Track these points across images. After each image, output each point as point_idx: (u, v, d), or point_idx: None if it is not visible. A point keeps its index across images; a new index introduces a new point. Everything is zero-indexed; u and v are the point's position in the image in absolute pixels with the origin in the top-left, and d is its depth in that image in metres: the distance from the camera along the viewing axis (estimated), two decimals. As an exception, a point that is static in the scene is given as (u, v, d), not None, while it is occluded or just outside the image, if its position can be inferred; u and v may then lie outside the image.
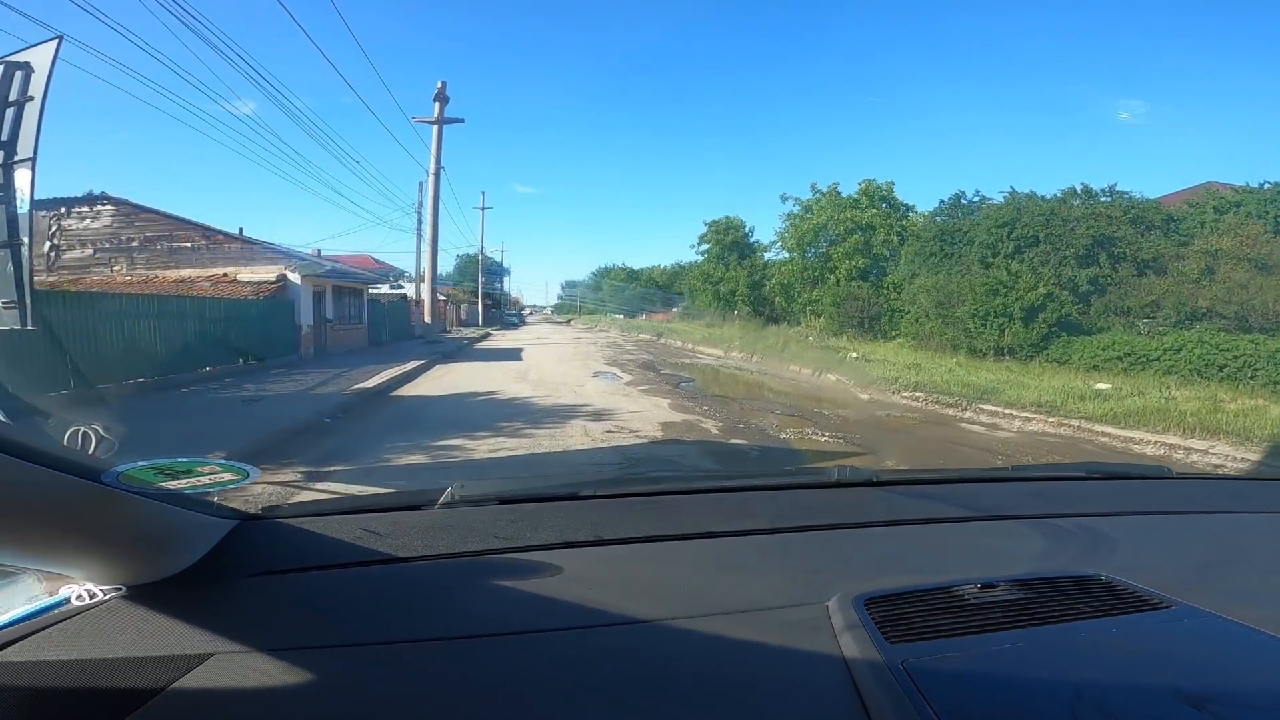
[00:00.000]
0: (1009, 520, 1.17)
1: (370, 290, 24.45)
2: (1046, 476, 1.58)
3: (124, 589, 0.75)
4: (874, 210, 33.60)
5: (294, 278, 16.16)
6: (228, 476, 0.80)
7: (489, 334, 35.58)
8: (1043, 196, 21.78)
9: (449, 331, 36.20)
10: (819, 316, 32.23)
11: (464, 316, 46.89)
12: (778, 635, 0.77)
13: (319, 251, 37.21)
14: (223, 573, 0.83)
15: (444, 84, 25.41)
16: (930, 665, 0.68)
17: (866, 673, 0.68)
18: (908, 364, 15.19)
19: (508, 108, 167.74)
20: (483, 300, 48.72)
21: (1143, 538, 1.14)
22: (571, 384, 12.36)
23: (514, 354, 20.30)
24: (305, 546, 0.91)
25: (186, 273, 16.12)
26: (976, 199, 25.47)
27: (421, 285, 28.50)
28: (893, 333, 24.78)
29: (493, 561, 0.92)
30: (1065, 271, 19.41)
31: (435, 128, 25.23)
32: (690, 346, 23.88)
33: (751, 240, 46.04)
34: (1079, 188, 21.43)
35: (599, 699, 0.68)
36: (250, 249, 16.47)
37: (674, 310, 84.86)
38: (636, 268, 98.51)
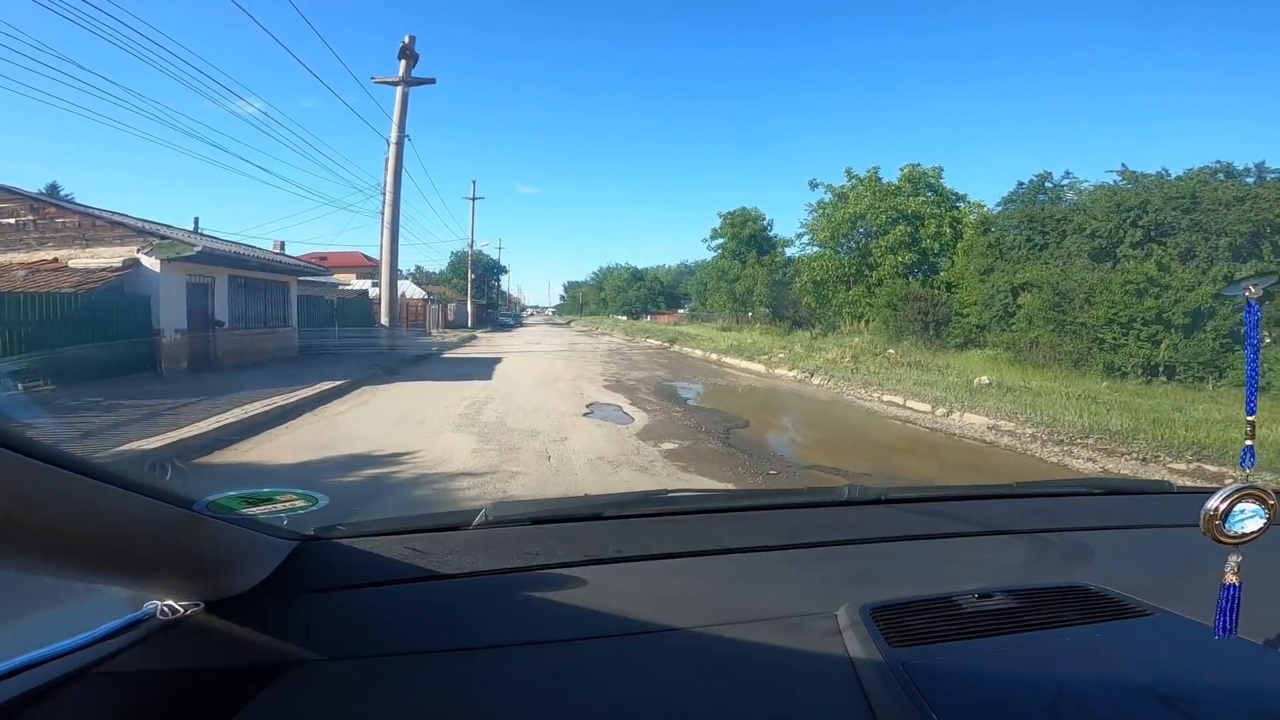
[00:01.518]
0: (1010, 535, 1.21)
1: (314, 283, 19.28)
2: (1049, 493, 1.58)
3: (201, 605, 0.79)
4: (920, 198, 28.36)
5: (150, 263, 10.90)
6: (300, 504, 0.90)
7: (474, 337, 30.40)
8: (1169, 175, 16.49)
9: (429, 334, 31.01)
10: (858, 319, 27.01)
11: (451, 317, 41.67)
12: (791, 641, 0.82)
13: (282, 245, 32.15)
14: (288, 589, 0.87)
15: (412, 39, 20.16)
16: (928, 666, 0.73)
17: (871, 674, 0.73)
18: (1076, 394, 9.93)
19: (508, 106, 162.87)
20: (473, 299, 43.50)
21: (1137, 550, 1.17)
22: (549, 432, 7.17)
23: (487, 367, 15.04)
24: (357, 564, 0.96)
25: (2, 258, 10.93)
26: (1065, 181, 20.18)
27: (399, 279, 23.54)
28: (962, 341, 19.58)
29: (526, 577, 0.96)
30: (1217, 267, 14.13)
31: (399, 89, 19.98)
32: (714, 357, 18.53)
33: (770, 234, 40.86)
34: (1217, 165, 16.09)
35: (627, 701, 0.72)
36: (92, 224, 11.21)
37: (680, 311, 79.77)
38: (640, 267, 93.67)
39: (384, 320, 19.21)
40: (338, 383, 10.72)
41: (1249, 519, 0.74)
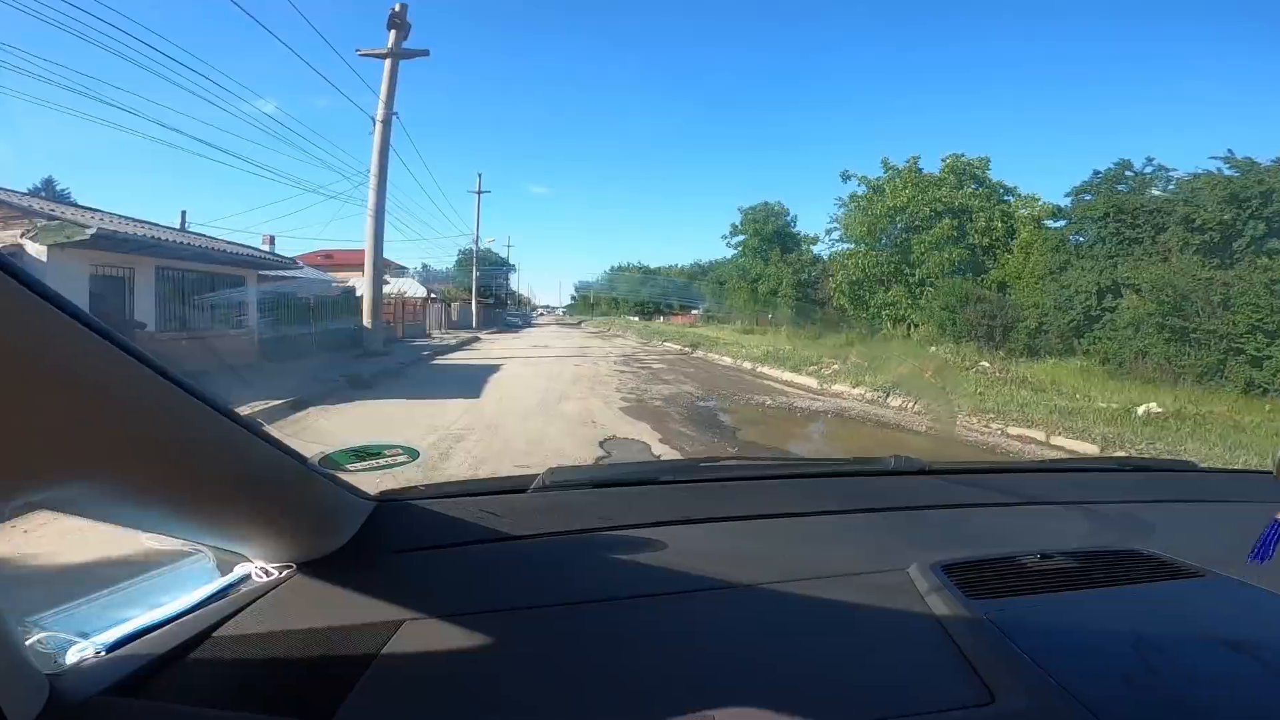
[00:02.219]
0: (1052, 505, 1.24)
1: (285, 278, 16.72)
2: (1081, 469, 1.65)
3: (294, 566, 0.79)
4: (967, 191, 25.47)
5: (35, 249, 8.33)
6: (402, 458, 0.92)
7: (477, 339, 27.84)
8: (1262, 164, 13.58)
9: (428, 335, 28.47)
10: (899, 322, 24.18)
11: (455, 317, 39.16)
12: (869, 596, 0.82)
13: (272, 240, 29.67)
14: (371, 550, 0.88)
15: (403, 7, 17.60)
16: (1012, 617, 0.75)
17: (959, 625, 0.74)
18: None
19: (520, 106, 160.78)
20: (477, 298, 40.98)
21: (1173, 522, 1.17)
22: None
23: (480, 379, 12.38)
24: (435, 525, 0.98)
25: None
26: (1150, 169, 17.25)
27: (401, 277, 21.04)
28: (1024, 348, 16.75)
29: (596, 538, 0.98)
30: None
31: (387, 62, 17.42)
32: (748, 366, 15.72)
33: (794, 230, 38.03)
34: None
35: (710, 652, 0.72)
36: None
37: (694, 312, 76.80)
38: (653, 266, 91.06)
39: (367, 321, 16.62)
40: (273, 403, 8.10)
41: None
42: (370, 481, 0.97)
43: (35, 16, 8.50)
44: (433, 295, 41.36)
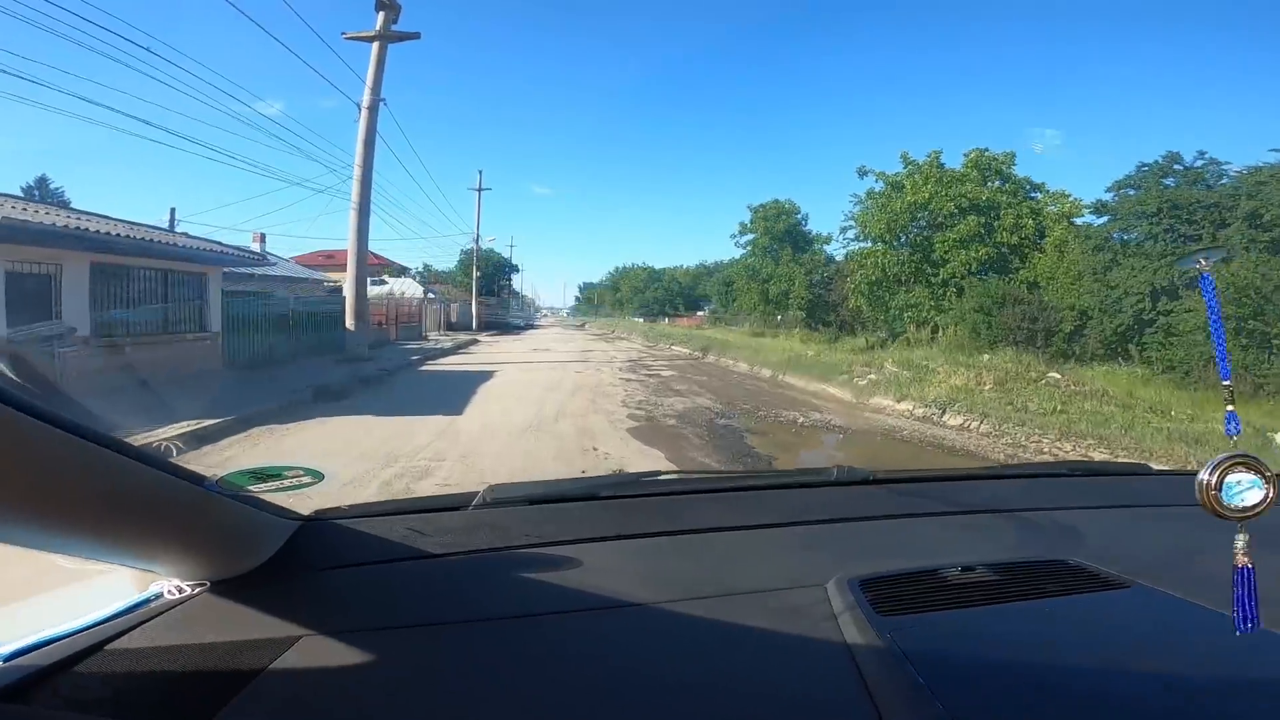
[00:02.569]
0: (993, 514, 1.22)
1: (249, 274, 15.37)
2: (1031, 474, 1.59)
3: (208, 584, 0.79)
4: (994, 187, 24.04)
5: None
6: (307, 480, 0.89)
7: (475, 342, 26.48)
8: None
9: (424, 337, 27.12)
10: (922, 325, 22.71)
11: (454, 318, 37.80)
12: (780, 613, 0.82)
13: (262, 238, 28.39)
14: (292, 568, 0.88)
15: (392, -13, 16.27)
16: (915, 634, 0.73)
17: (860, 642, 0.73)
18: None
19: (523, 107, 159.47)
20: (478, 299, 39.59)
21: (1114, 528, 1.18)
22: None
23: (468, 388, 10.99)
24: (359, 544, 0.97)
25: None
26: (1200, 163, 15.68)
27: (401, 277, 19.69)
28: (1058, 351, 15.28)
29: (522, 554, 0.97)
30: None
31: (374, 45, 16.07)
32: (766, 374, 14.28)
33: (806, 230, 36.53)
34: None
35: (621, 670, 0.72)
36: None
37: (700, 314, 75.55)
38: (658, 267, 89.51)
39: (350, 323, 15.24)
40: (208, 422, 6.71)
41: (1247, 490, 0.70)
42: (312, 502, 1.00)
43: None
44: (432, 296, 40.07)
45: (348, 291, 15.09)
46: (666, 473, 1.38)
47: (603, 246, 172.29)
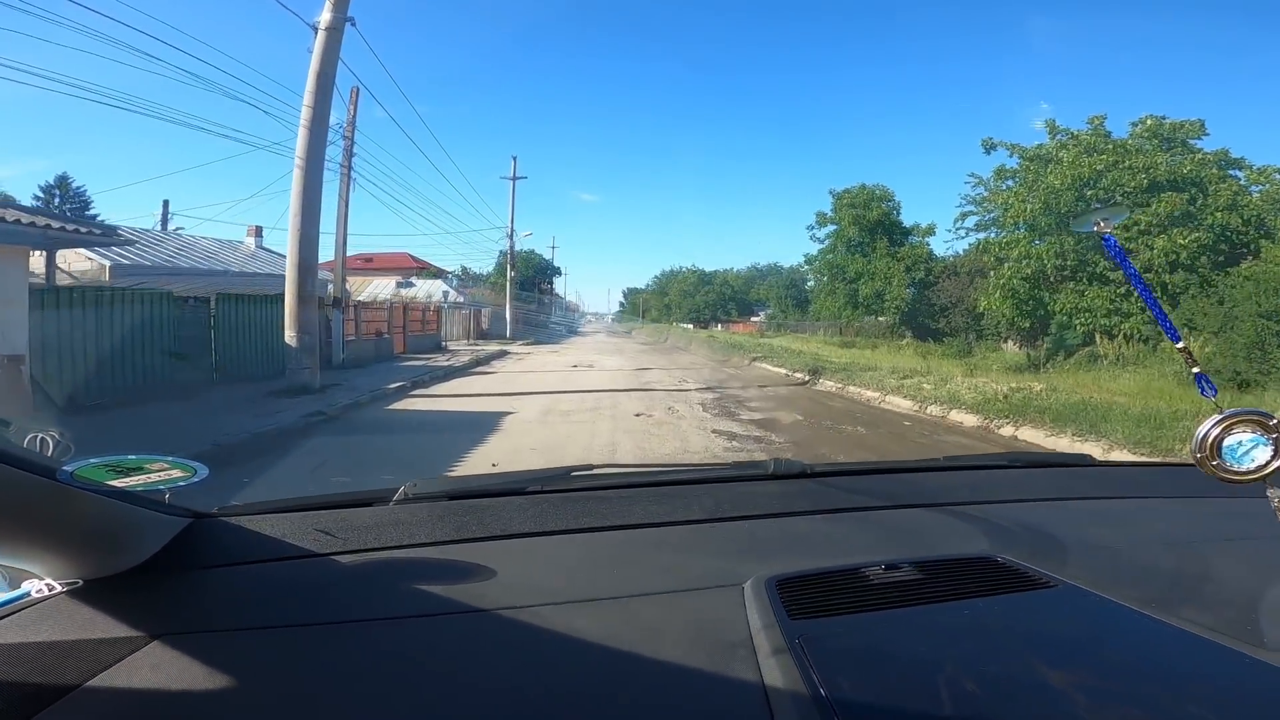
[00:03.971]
0: (929, 508, 1.18)
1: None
2: (972, 465, 1.51)
3: (80, 583, 0.75)
4: (1196, 157, 17.64)
5: None
6: (176, 474, 0.84)
7: (502, 355, 21.22)
8: None
9: (443, 347, 21.99)
10: (1110, 336, 16.39)
11: (485, 325, 32.79)
12: (694, 613, 0.79)
13: (259, 231, 23.77)
14: (175, 567, 0.83)
15: None
16: (825, 637, 0.71)
17: (765, 645, 0.70)
18: None
19: (568, 118, 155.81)
20: (513, 302, 34.50)
21: (1051, 522, 1.12)
22: None
23: (434, 456, 5.45)
24: (256, 542, 0.91)
25: None
26: None
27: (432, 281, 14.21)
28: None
29: (433, 552, 0.93)
30: None
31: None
32: (975, 422, 8.25)
33: (899, 219, 30.19)
34: None
35: (514, 672, 0.69)
36: None
37: (755, 320, 69.45)
38: (709, 270, 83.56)
39: (290, 334, 9.90)
40: None
41: (1254, 449, 0.65)
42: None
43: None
44: (460, 299, 35.11)
45: (288, 284, 9.80)
46: (600, 466, 1.31)
47: (647, 252, 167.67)
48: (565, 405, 9.49)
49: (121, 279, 12.79)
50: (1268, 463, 0.66)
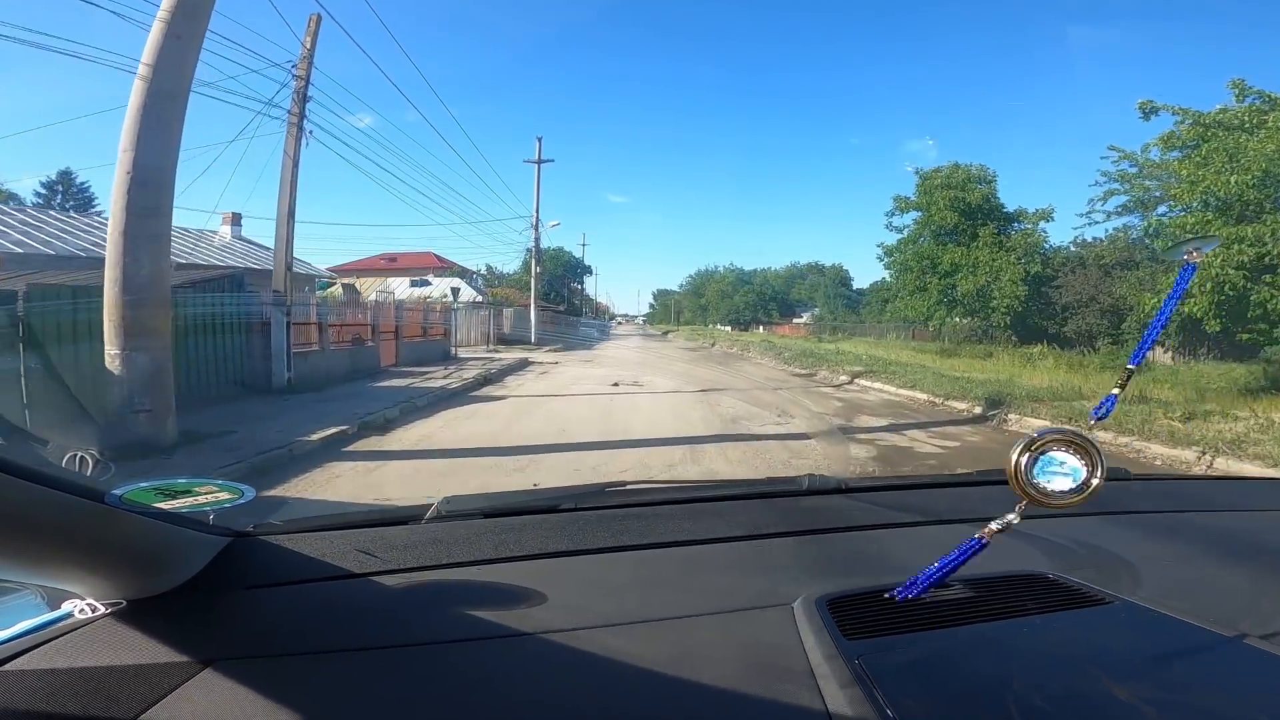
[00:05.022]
0: (970, 523, 1.10)
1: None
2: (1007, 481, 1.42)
3: (124, 603, 0.74)
4: None
5: None
6: (224, 496, 0.84)
7: (522, 366, 16.77)
8: None
9: (453, 356, 17.62)
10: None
11: (507, 328, 28.42)
12: (744, 635, 0.77)
13: (235, 218, 19.59)
14: (217, 587, 0.82)
15: None
16: (883, 658, 0.69)
17: (824, 667, 0.69)
18: None
19: (598, 115, 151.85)
20: (538, 303, 30.01)
21: (1096, 537, 1.12)
22: None
23: None
24: (295, 561, 0.90)
25: None
26: None
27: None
28: None
29: (473, 572, 0.91)
30: None
31: None
32: None
33: (998, 202, 24.89)
34: None
35: (569, 696, 0.67)
36: None
37: (798, 320, 64.07)
38: (747, 269, 78.20)
39: (111, 353, 5.44)
40: None
41: (1058, 475, 0.68)
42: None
43: None
44: (479, 299, 30.81)
45: (108, 265, 5.31)
46: (633, 482, 1.30)
47: (677, 253, 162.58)
48: (628, 447, 4.83)
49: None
50: (1061, 494, 0.71)
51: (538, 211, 30.23)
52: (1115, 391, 0.72)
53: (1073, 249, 22.30)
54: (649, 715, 0.64)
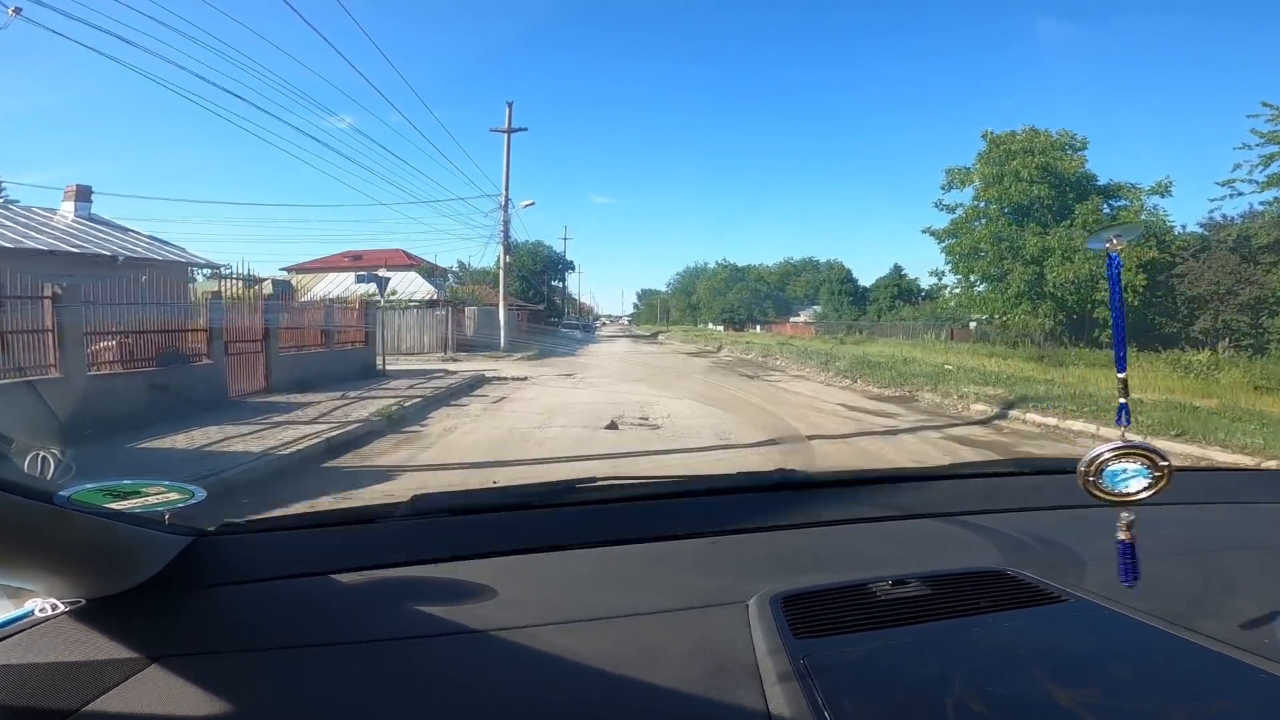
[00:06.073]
0: (936, 519, 1.13)
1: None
2: (981, 474, 1.47)
3: (83, 601, 0.74)
4: None
5: None
6: (174, 496, 0.82)
7: (478, 385, 11.52)
8: None
9: (380, 371, 12.17)
10: None
11: (470, 331, 22.87)
12: (697, 633, 0.76)
13: (81, 193, 13.21)
14: (176, 585, 0.82)
15: None
16: (828, 657, 0.68)
17: (768, 663, 0.68)
18: None
19: (582, 115, 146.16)
20: (508, 300, 24.35)
21: (1062, 532, 1.07)
22: None
23: None
24: (257, 559, 0.91)
25: None
26: None
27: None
28: None
29: (436, 569, 0.90)
30: None
31: None
32: None
33: (1092, 178, 19.88)
34: None
35: (519, 693, 0.67)
36: None
37: (796, 319, 59.01)
38: (741, 265, 72.86)
39: None
40: None
41: (1131, 478, 0.70)
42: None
43: None
44: (435, 294, 25.17)
45: None
46: (605, 479, 1.22)
47: (663, 253, 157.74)
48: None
49: None
50: (1137, 493, 0.70)
51: (506, 189, 24.62)
52: (1122, 401, 0.72)
53: (1199, 230, 17.26)
54: (596, 713, 0.64)
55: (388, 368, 13.47)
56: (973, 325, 24.04)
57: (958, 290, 21.35)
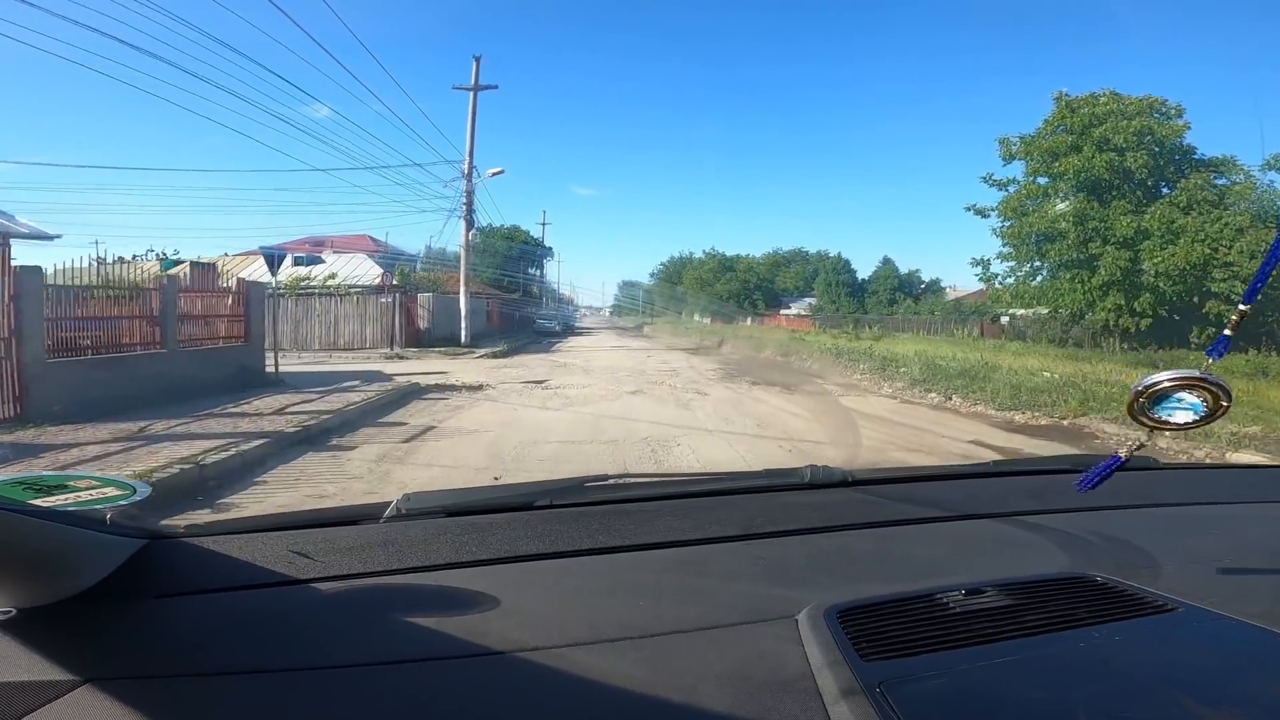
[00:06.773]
0: (993, 519, 1.03)
1: None
2: (1027, 471, 1.36)
3: (13, 612, 0.66)
4: None
5: None
6: (112, 492, 0.76)
7: (414, 394, 7.54)
8: None
9: (269, 378, 8.07)
10: None
11: (425, 323, 18.92)
12: (740, 656, 0.66)
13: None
14: (121, 595, 0.72)
15: None
16: (911, 685, 0.58)
17: (838, 696, 0.57)
18: None
19: (565, 113, 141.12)
20: (469, 286, 20.17)
21: (1133, 532, 0.98)
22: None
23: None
24: (219, 566, 0.80)
25: None
26: None
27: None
28: None
29: (430, 579, 0.81)
30: None
31: None
32: None
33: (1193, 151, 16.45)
34: None
35: None
36: None
37: (788, 312, 55.60)
38: (729, 255, 69.01)
39: None
40: None
41: (1180, 410, 0.65)
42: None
43: None
44: (382, 279, 21.05)
45: None
46: (617, 476, 1.12)
47: (644, 245, 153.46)
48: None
49: None
50: (1183, 424, 0.67)
51: (471, 156, 20.55)
52: (1227, 333, 0.66)
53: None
54: None
55: (286, 370, 9.58)
56: (1004, 320, 20.64)
57: (1009, 280, 17.83)
